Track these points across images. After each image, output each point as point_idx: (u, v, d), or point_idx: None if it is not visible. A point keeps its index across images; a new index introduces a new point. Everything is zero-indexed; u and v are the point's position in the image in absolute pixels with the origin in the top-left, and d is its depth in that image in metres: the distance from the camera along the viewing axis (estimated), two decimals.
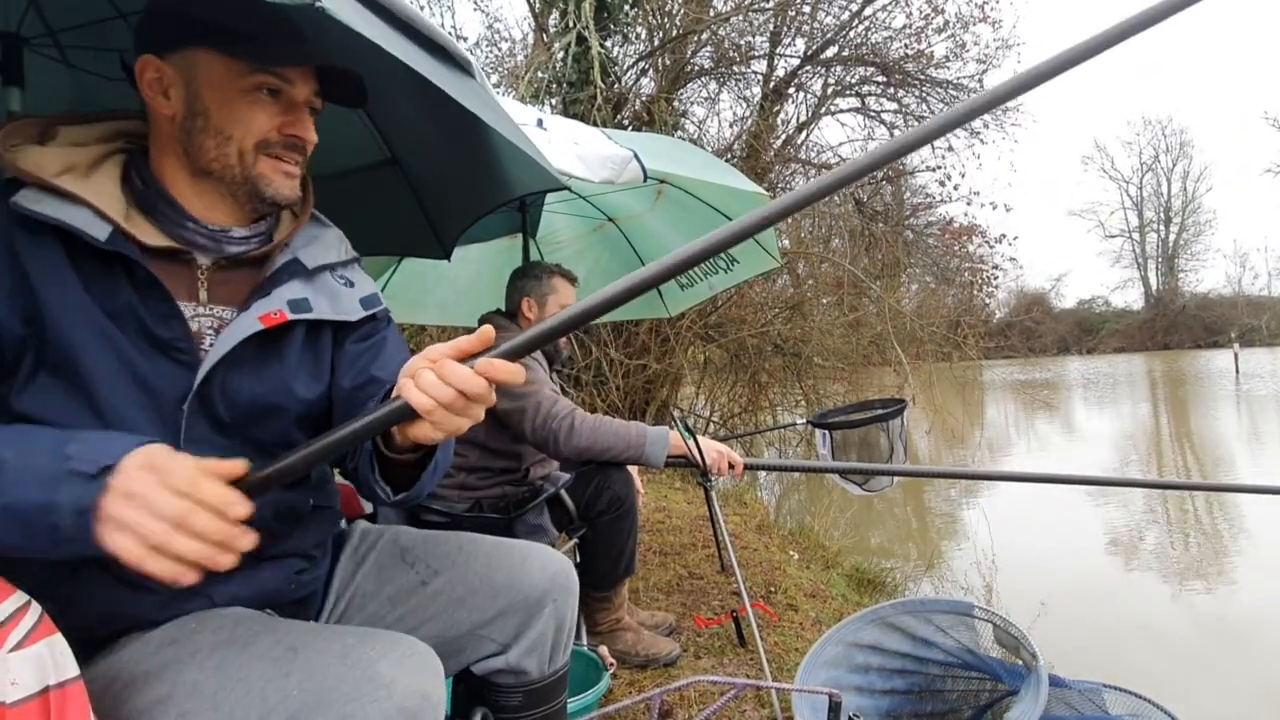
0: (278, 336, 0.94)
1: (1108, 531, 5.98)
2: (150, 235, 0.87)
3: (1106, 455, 9.86)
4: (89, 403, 0.82)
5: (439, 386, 0.71)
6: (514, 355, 0.73)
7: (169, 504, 0.67)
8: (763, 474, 8.56)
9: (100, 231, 0.82)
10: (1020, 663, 1.64)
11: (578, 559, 2.23)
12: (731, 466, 2.03)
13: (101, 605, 0.85)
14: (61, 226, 0.80)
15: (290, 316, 0.93)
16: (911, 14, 8.62)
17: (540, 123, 2.09)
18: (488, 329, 0.74)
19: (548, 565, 1.06)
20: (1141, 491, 7.31)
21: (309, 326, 0.98)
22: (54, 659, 0.75)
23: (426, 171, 1.85)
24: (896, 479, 3.00)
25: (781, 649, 2.34)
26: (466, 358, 0.73)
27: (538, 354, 2.20)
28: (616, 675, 2.06)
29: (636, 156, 2.02)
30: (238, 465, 0.73)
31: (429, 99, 1.31)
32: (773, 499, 7.59)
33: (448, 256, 2.07)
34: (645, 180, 2.09)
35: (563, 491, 1.95)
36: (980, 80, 9.20)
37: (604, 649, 1.72)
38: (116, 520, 0.67)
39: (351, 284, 1.04)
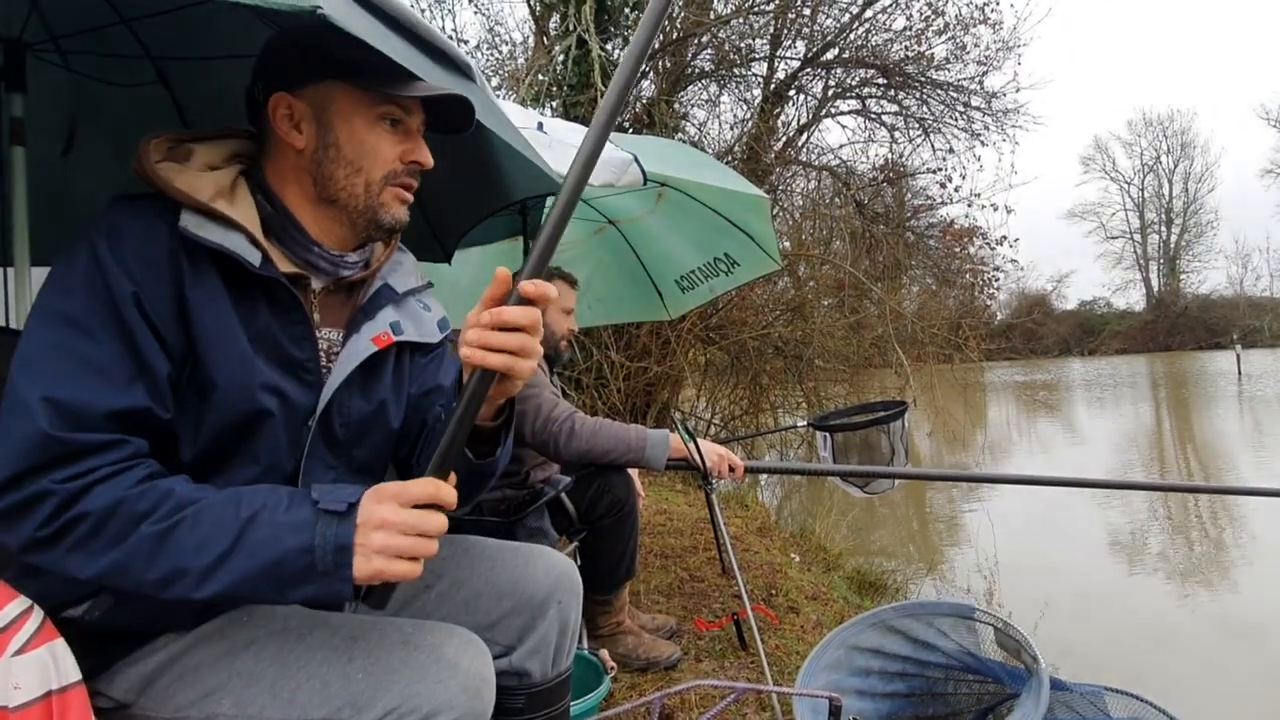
0: (379, 358, 0.99)
1: (1110, 533, 5.97)
2: (281, 260, 0.90)
3: (1108, 456, 9.85)
4: (230, 422, 0.86)
5: (498, 336, 0.78)
6: (534, 275, 0.79)
7: (412, 517, 0.76)
8: (764, 477, 8.56)
9: (254, 257, 0.85)
10: (1022, 665, 1.64)
11: (578, 562, 2.23)
12: (732, 469, 2.03)
13: (149, 599, 0.87)
14: (223, 252, 0.83)
15: (395, 338, 0.99)
16: (912, 16, 8.62)
17: (540, 126, 2.10)
18: (503, 271, 0.79)
19: (553, 567, 1.07)
20: (1144, 494, 7.31)
21: (399, 348, 1.03)
22: (56, 664, 0.75)
23: (427, 175, 1.85)
24: (898, 481, 3.00)
25: (783, 652, 2.34)
26: (498, 304, 0.80)
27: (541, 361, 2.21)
28: (617, 679, 2.06)
29: (637, 160, 2.02)
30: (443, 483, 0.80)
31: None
32: (774, 501, 7.58)
33: (449, 260, 2.07)
34: (645, 183, 2.10)
35: (563, 495, 1.95)
36: (980, 82, 9.20)
37: (605, 652, 1.72)
38: (372, 546, 0.75)
39: (429, 308, 1.08)
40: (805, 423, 3.48)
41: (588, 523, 2.04)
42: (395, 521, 0.75)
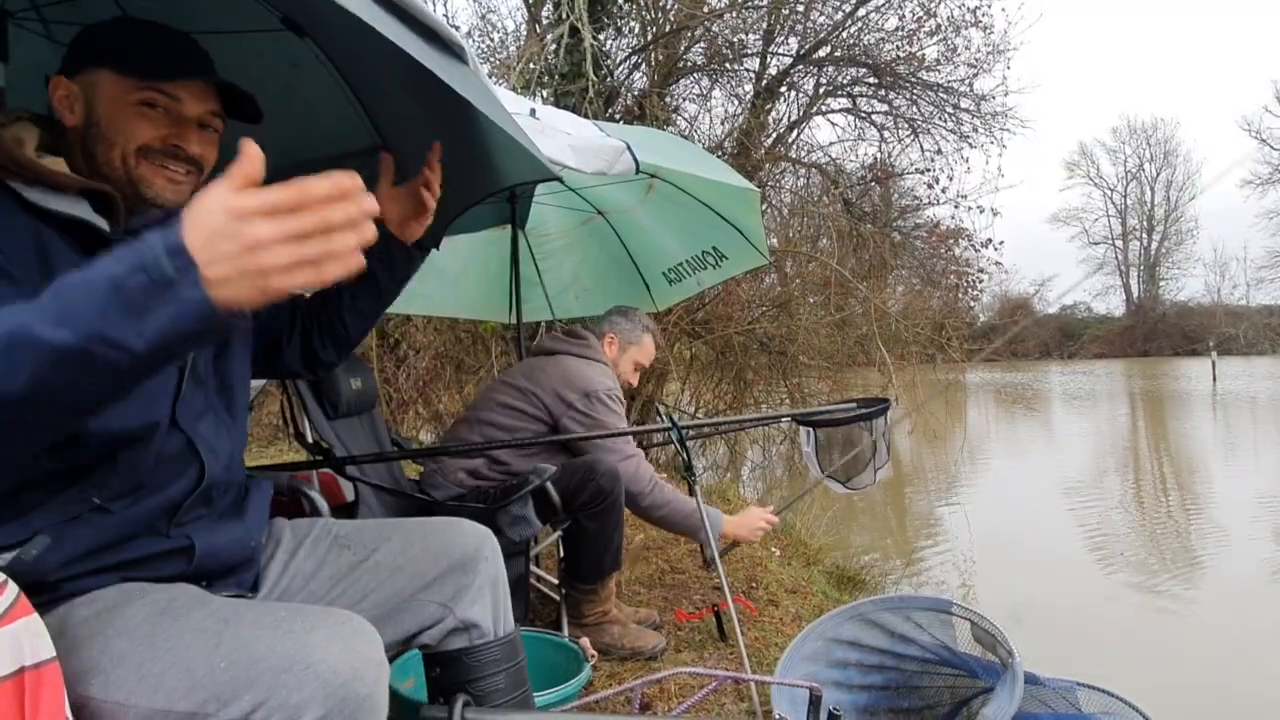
0: None
1: (1085, 532, 6.07)
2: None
3: (1084, 458, 10.00)
4: None
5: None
6: None
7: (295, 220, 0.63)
8: (745, 470, 8.61)
9: (104, 224, 0.93)
10: (997, 660, 1.67)
11: (561, 553, 2.23)
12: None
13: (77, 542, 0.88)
14: (75, 221, 0.91)
15: None
16: (904, 16, 8.64)
17: (533, 112, 2.08)
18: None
19: (475, 530, 1.16)
20: (1118, 494, 7.43)
21: None
22: (29, 639, 0.74)
23: (417, 159, 1.83)
24: (879, 476, 3.03)
25: (761, 644, 2.36)
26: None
27: (620, 394, 2.30)
28: (598, 667, 2.06)
29: (629, 148, 2.01)
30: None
31: (421, 84, 1.30)
32: (755, 496, 7.63)
33: (436, 246, 2.05)
34: (637, 172, 2.09)
35: (548, 483, 1.94)
36: (970, 84, 9.25)
37: (585, 640, 1.72)
38: (200, 228, 0.64)
39: None
40: (789, 416, 3.49)
41: (571, 512, 2.04)
42: (262, 231, 0.63)
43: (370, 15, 0.93)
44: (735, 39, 8.35)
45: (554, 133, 1.96)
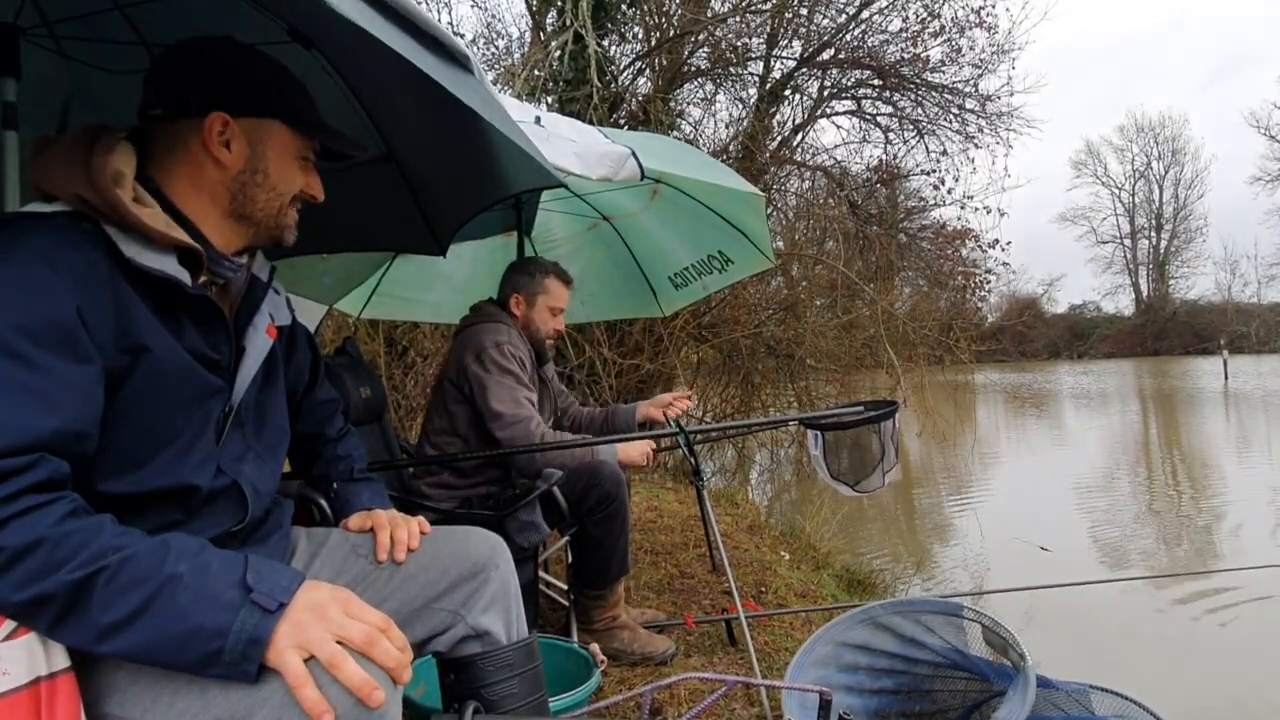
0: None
1: (1097, 532, 6.02)
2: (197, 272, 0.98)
3: (1095, 458, 9.93)
4: (154, 425, 0.91)
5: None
6: None
7: (345, 627, 0.78)
8: (754, 476, 8.59)
9: (187, 278, 0.92)
10: (1008, 663, 1.66)
11: (569, 557, 2.24)
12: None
13: None
14: (163, 277, 0.90)
15: (275, 325, 1.12)
16: (908, 18, 8.65)
17: (538, 120, 2.09)
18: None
19: (487, 538, 1.16)
20: (1131, 495, 7.37)
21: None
22: (45, 650, 0.74)
23: (423, 167, 1.85)
24: (888, 479, 3.01)
25: (771, 648, 2.35)
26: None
27: (521, 352, 2.21)
28: (607, 673, 2.06)
29: (634, 154, 2.02)
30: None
31: (427, 94, 1.31)
32: (764, 499, 7.61)
33: (443, 253, 2.07)
34: (642, 178, 2.10)
35: (555, 489, 1.95)
36: (975, 85, 9.24)
37: (595, 646, 1.72)
38: (288, 645, 0.75)
39: (279, 291, 1.18)
40: (796, 418, 3.49)
41: (578, 517, 2.04)
42: (319, 629, 0.76)
43: (375, 26, 0.93)
44: (739, 43, 8.37)
45: (559, 140, 1.97)
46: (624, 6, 6.86)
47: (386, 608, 1.05)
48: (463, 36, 7.64)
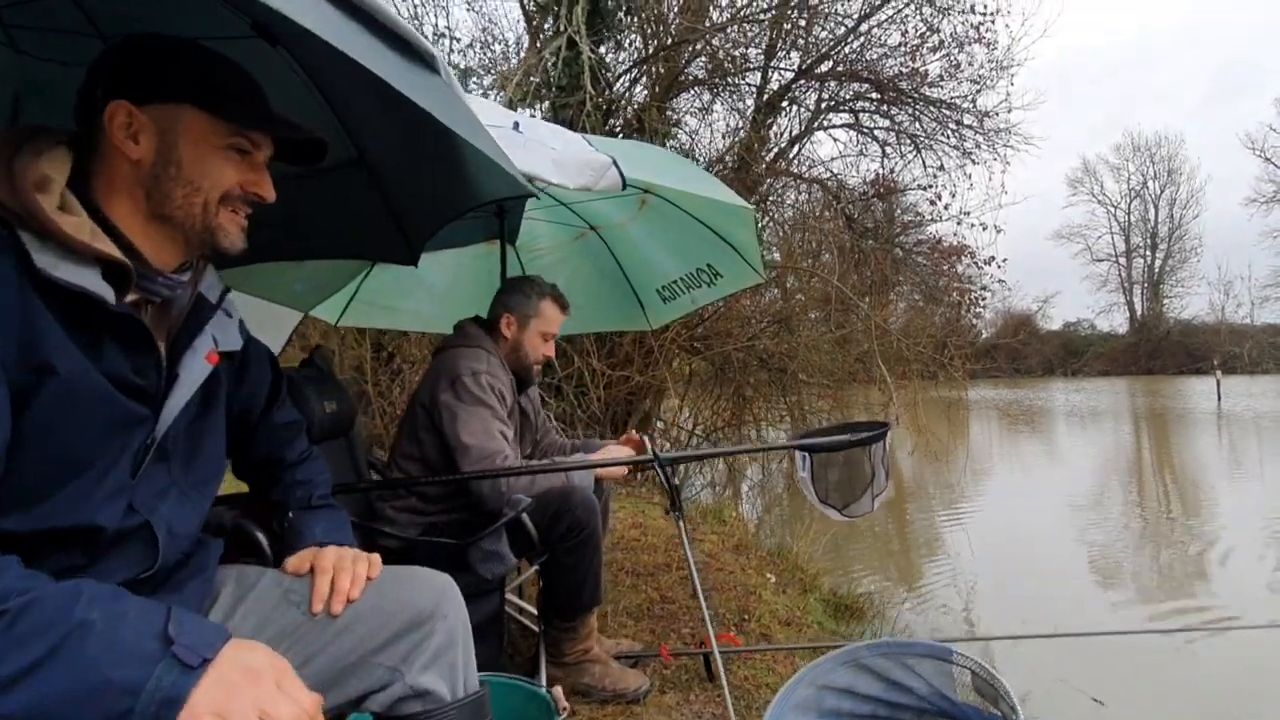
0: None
1: (1089, 551, 5.97)
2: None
3: (1088, 476, 9.87)
4: (57, 455, 0.81)
5: None
6: None
7: (276, 704, 0.70)
8: (745, 488, 8.49)
9: (110, 295, 0.83)
10: (998, 714, 1.56)
11: (539, 584, 2.13)
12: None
13: None
14: (80, 292, 0.80)
15: (219, 350, 1.01)
16: (907, 32, 8.63)
17: (516, 125, 2.00)
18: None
19: (433, 582, 1.05)
20: (1120, 515, 7.30)
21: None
22: None
23: (393, 172, 1.75)
24: (877, 503, 2.92)
25: (751, 684, 2.24)
26: None
27: (500, 383, 2.09)
28: (575, 713, 1.95)
29: (615, 163, 1.93)
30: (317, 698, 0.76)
31: (393, 97, 1.23)
32: (755, 513, 7.50)
33: (414, 262, 1.96)
34: (624, 188, 2.00)
35: (523, 515, 1.84)
36: (973, 100, 9.21)
37: (558, 690, 1.61)
38: (206, 712, 0.66)
39: (230, 314, 1.07)
40: (786, 442, 3.39)
41: (548, 545, 1.93)
42: (242, 699, 0.68)
43: (331, 23, 0.85)
44: (737, 53, 8.32)
45: (537, 146, 1.88)
46: (620, 13, 6.79)
47: (319, 663, 0.97)
48: (459, 40, 7.58)
